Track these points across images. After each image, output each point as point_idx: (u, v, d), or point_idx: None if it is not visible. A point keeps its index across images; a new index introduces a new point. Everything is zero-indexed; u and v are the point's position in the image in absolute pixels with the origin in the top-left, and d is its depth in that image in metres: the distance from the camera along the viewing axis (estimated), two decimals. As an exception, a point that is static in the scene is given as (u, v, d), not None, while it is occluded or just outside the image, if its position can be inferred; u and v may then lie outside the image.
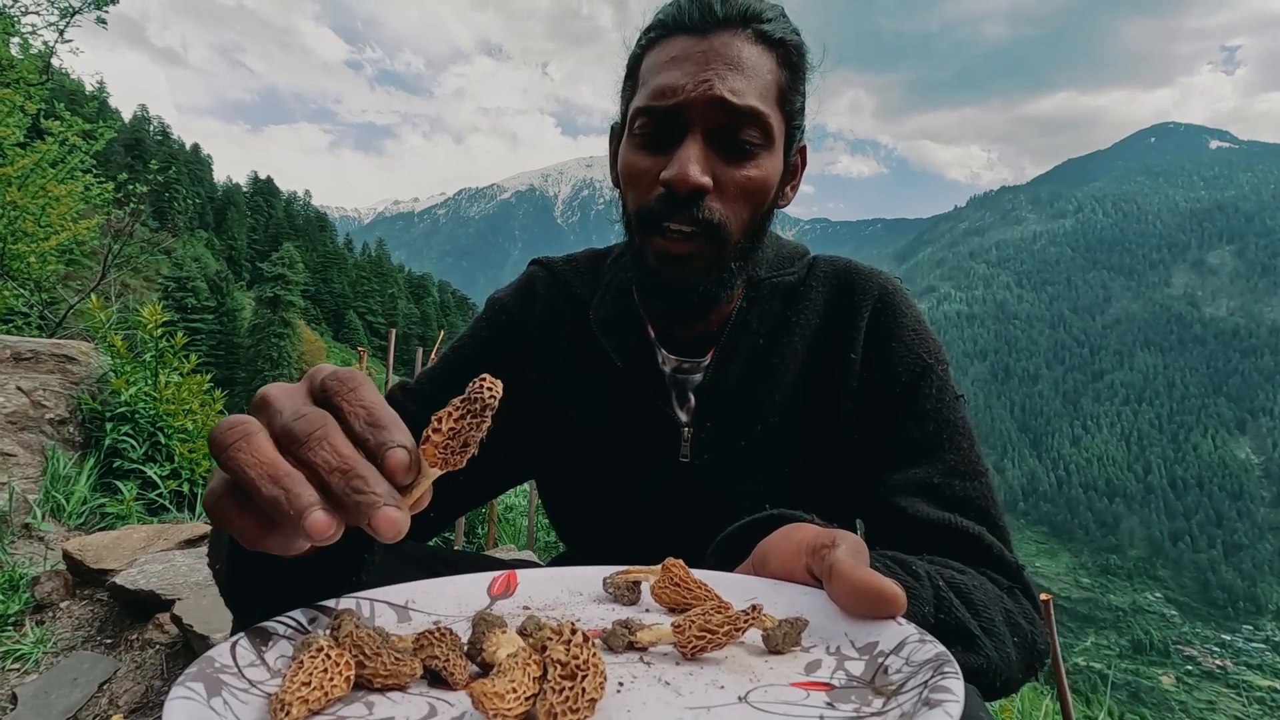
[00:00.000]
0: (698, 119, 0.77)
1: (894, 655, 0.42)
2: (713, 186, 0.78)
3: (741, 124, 0.78)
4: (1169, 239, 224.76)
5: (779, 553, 0.56)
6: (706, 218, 0.78)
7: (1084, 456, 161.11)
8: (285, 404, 0.42)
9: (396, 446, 0.40)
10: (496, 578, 0.58)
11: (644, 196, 0.81)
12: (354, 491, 0.38)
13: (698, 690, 0.41)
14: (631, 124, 0.82)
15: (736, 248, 0.82)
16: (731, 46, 0.78)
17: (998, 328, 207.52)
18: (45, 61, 7.00)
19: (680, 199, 0.77)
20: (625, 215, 0.87)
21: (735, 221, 0.80)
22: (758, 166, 0.80)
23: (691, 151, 0.76)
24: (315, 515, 0.37)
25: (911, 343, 0.86)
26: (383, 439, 0.40)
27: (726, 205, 0.79)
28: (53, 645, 2.09)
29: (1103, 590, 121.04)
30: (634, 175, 0.82)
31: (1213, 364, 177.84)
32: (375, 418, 0.41)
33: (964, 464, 0.80)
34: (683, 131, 0.78)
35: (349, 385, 0.42)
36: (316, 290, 66.64)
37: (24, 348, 3.12)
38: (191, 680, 0.37)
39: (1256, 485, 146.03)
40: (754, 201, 0.81)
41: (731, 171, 0.79)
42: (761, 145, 0.79)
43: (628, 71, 0.87)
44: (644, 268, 0.83)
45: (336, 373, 0.43)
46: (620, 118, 0.89)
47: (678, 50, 0.79)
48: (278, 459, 0.39)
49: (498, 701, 0.35)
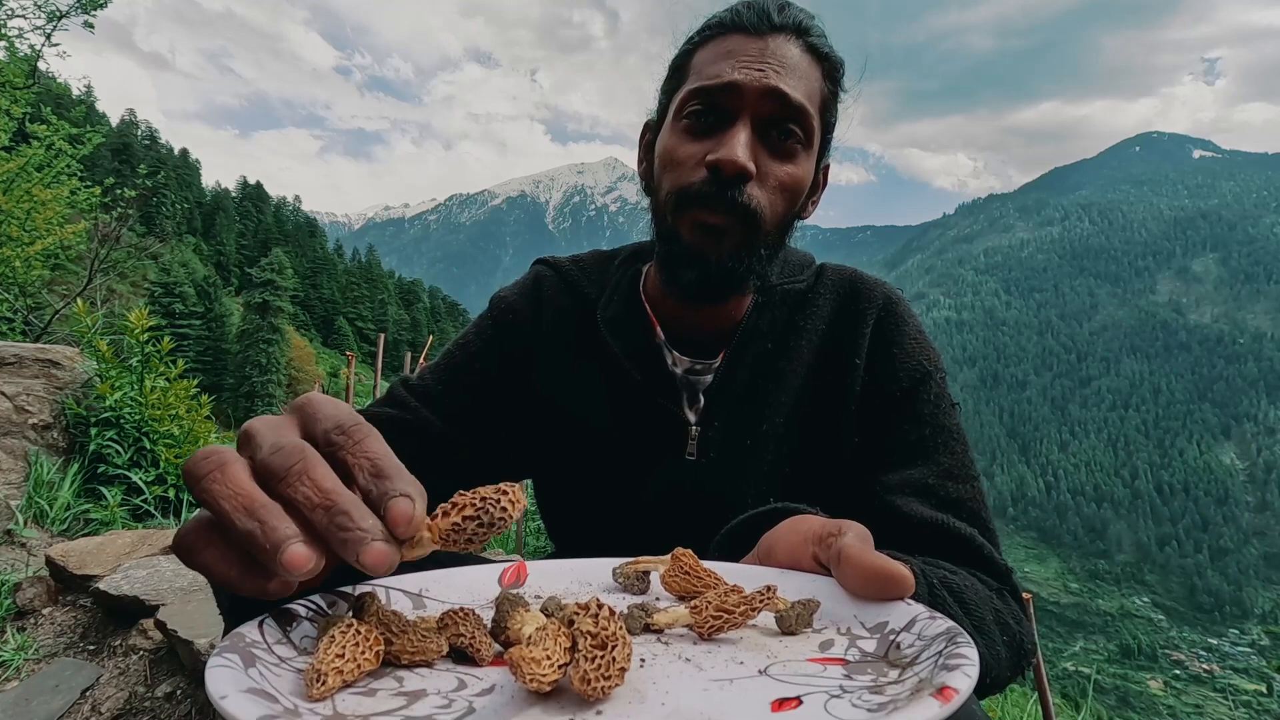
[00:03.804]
0: (750, 106, 0.79)
1: (905, 632, 0.43)
2: (755, 174, 0.79)
3: (790, 119, 0.80)
4: (1154, 247, 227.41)
5: (786, 543, 0.56)
6: (744, 203, 0.79)
7: (1072, 462, 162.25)
8: (267, 438, 0.40)
9: (400, 495, 0.38)
10: (507, 568, 0.59)
11: (685, 178, 0.81)
12: (339, 529, 0.36)
13: (718, 665, 0.42)
14: (680, 109, 0.83)
15: (767, 238, 0.83)
16: (786, 49, 0.81)
17: (986, 334, 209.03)
18: (32, 65, 6.95)
19: (724, 180, 0.78)
20: (655, 203, 0.87)
21: (770, 213, 0.81)
22: (798, 165, 0.82)
23: (741, 136, 0.78)
24: (293, 549, 0.35)
25: (912, 350, 0.88)
26: (386, 488, 0.39)
27: (765, 196, 0.80)
28: (34, 652, 2.06)
29: (1091, 595, 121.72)
30: (676, 158, 0.83)
31: (1198, 370, 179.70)
32: (380, 469, 0.40)
33: (958, 468, 0.82)
34: (733, 117, 0.79)
35: (354, 438, 0.41)
36: (306, 296, 66.37)
37: (8, 352, 3.09)
38: (227, 652, 0.38)
39: (1241, 490, 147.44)
40: (789, 198, 0.83)
41: (774, 165, 0.81)
42: (803, 145, 0.82)
43: (674, 67, 0.89)
44: (676, 240, 0.83)
45: (340, 424, 0.41)
46: (659, 112, 0.91)
47: (734, 45, 0.81)
48: (253, 490, 0.37)
49: (534, 667, 0.35)
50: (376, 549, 0.36)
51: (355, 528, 0.36)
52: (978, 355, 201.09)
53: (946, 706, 0.32)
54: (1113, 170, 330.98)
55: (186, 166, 69.51)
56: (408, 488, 0.39)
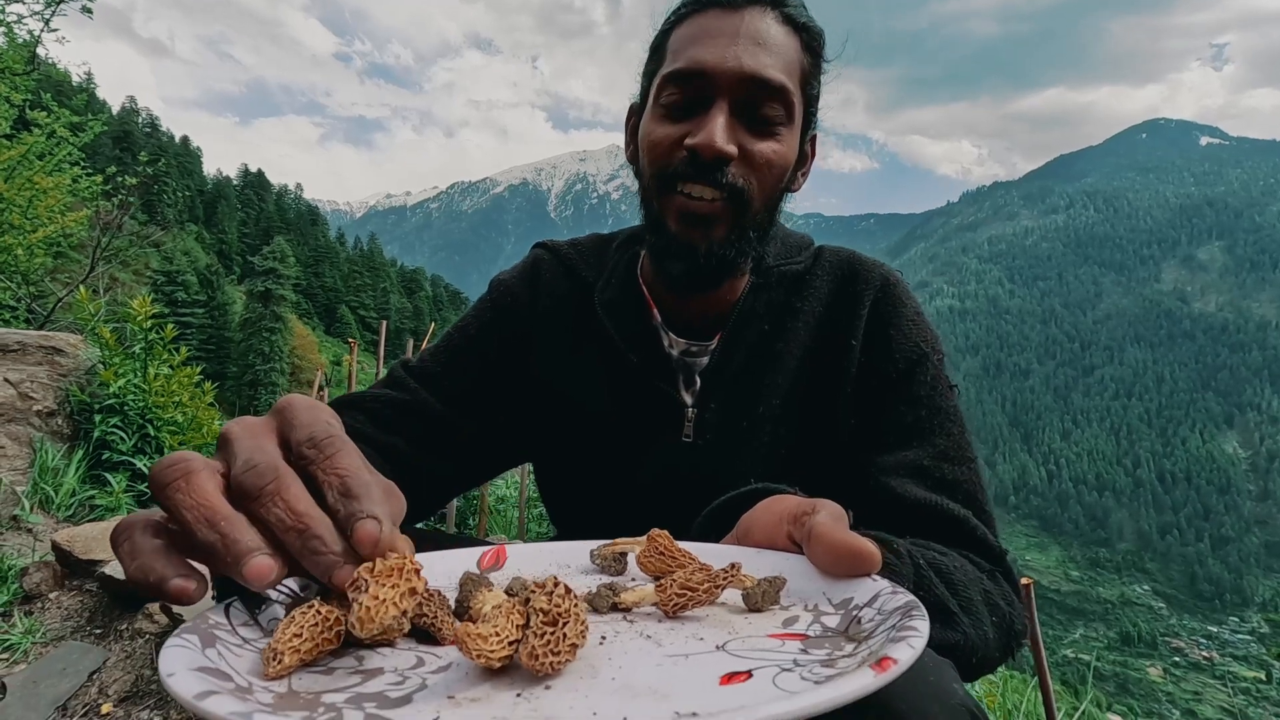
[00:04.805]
0: (725, 89, 0.78)
1: (867, 607, 0.43)
2: (737, 155, 0.78)
3: (767, 98, 0.79)
4: (1159, 235, 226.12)
5: (762, 523, 0.57)
6: (730, 182, 0.78)
7: (1074, 451, 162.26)
8: (242, 446, 0.40)
9: (367, 518, 0.39)
10: (486, 552, 0.59)
11: (666, 161, 0.81)
12: (311, 552, 0.38)
13: (678, 642, 0.42)
14: (658, 94, 0.83)
15: (756, 218, 0.82)
16: (761, 23, 0.79)
17: (989, 323, 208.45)
18: (31, 51, 6.91)
19: (704, 164, 0.77)
20: (642, 186, 0.87)
21: (758, 192, 0.81)
22: (780, 141, 0.81)
23: (719, 119, 0.77)
24: (256, 562, 0.36)
25: (909, 331, 0.88)
26: (353, 509, 0.39)
27: (749, 175, 0.80)
28: (42, 636, 2.09)
29: (1092, 583, 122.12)
30: (656, 142, 0.82)
31: (1201, 359, 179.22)
32: (348, 488, 0.40)
33: (954, 449, 0.82)
34: (710, 100, 0.79)
35: (325, 452, 0.41)
36: (308, 284, 66.34)
37: (11, 339, 3.10)
38: (186, 633, 0.38)
39: (1243, 479, 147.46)
40: (774, 175, 0.82)
41: (756, 143, 0.79)
42: (784, 122, 0.81)
43: (653, 48, 0.88)
44: (663, 230, 0.83)
45: (313, 437, 0.41)
46: (641, 95, 0.90)
47: (709, 24, 0.80)
48: (218, 502, 0.38)
49: (480, 643, 0.36)
50: (348, 572, 0.38)
51: (328, 551, 0.38)
52: (981, 344, 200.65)
53: (882, 676, 0.32)
54: (1118, 157, 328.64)
55: (188, 154, 69.37)
56: (375, 509, 0.39)
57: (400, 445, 0.88)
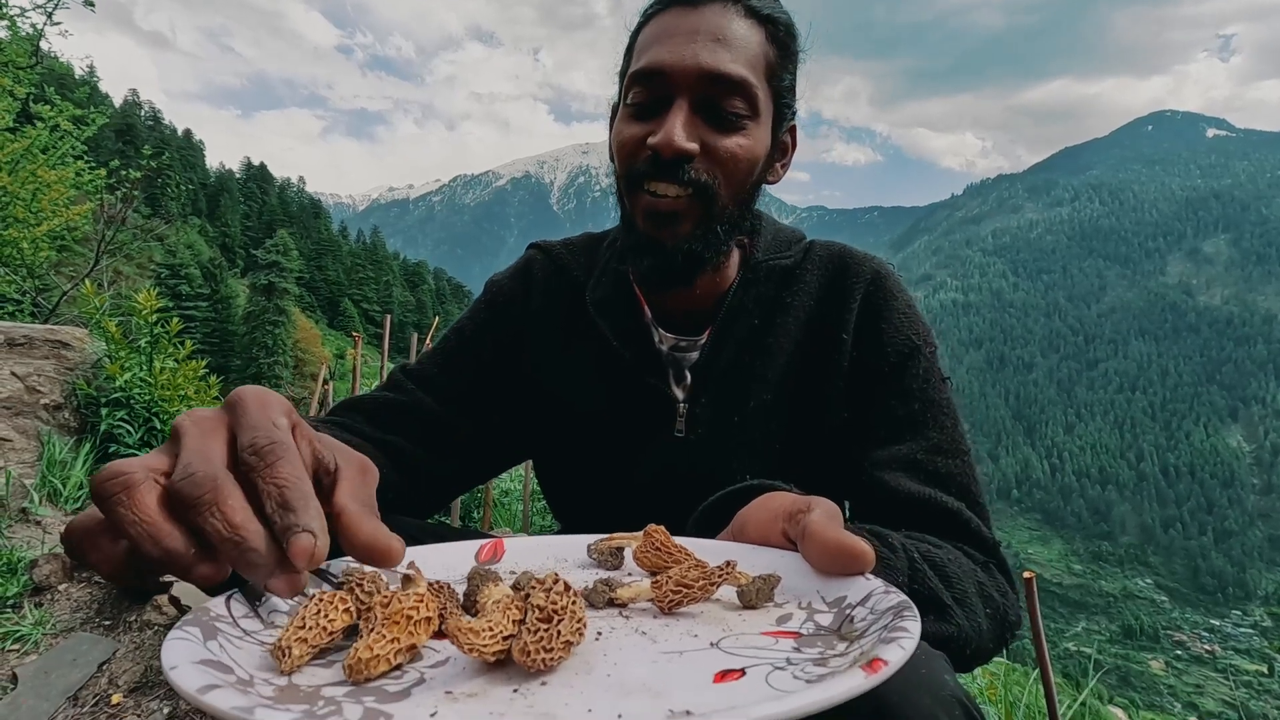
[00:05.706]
0: (685, 88, 0.78)
1: (860, 606, 0.44)
2: (699, 152, 0.79)
3: (727, 93, 0.79)
4: (1164, 227, 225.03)
5: (756, 520, 0.57)
6: (694, 178, 0.79)
7: (1077, 444, 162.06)
8: (186, 449, 0.41)
9: (303, 531, 0.39)
10: (484, 545, 0.60)
11: (632, 160, 0.82)
12: (247, 564, 0.39)
13: (672, 639, 0.43)
14: (626, 94, 0.84)
15: (724, 212, 0.82)
16: (721, 19, 0.80)
17: (993, 316, 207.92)
18: (34, 45, 6.90)
19: (666, 162, 0.78)
20: (616, 185, 0.89)
21: (724, 186, 0.81)
22: (746, 135, 0.81)
23: (678, 117, 0.78)
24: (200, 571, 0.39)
25: (901, 324, 0.88)
26: (289, 522, 0.39)
27: (714, 170, 0.80)
28: (52, 627, 2.10)
29: (1094, 576, 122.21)
30: (624, 142, 0.83)
31: (1206, 353, 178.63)
32: (286, 499, 0.40)
33: (947, 442, 0.82)
34: (670, 99, 0.79)
35: (266, 460, 0.41)
36: (311, 278, 66.33)
37: (18, 333, 3.11)
38: (188, 625, 0.39)
39: (1247, 473, 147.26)
40: (741, 170, 0.81)
41: (720, 139, 0.80)
42: (748, 116, 0.80)
43: (626, 49, 0.89)
44: (633, 229, 0.84)
45: (254, 443, 0.41)
46: (618, 95, 0.91)
47: (670, 22, 0.81)
48: (158, 518, 0.38)
49: (473, 638, 0.36)
50: (282, 582, 0.39)
51: (261, 564, 0.39)
52: (984, 337, 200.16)
53: (873, 677, 0.32)
54: (1124, 150, 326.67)
55: (190, 147, 69.29)
56: (310, 522, 0.40)
57: (399, 445, 0.89)
